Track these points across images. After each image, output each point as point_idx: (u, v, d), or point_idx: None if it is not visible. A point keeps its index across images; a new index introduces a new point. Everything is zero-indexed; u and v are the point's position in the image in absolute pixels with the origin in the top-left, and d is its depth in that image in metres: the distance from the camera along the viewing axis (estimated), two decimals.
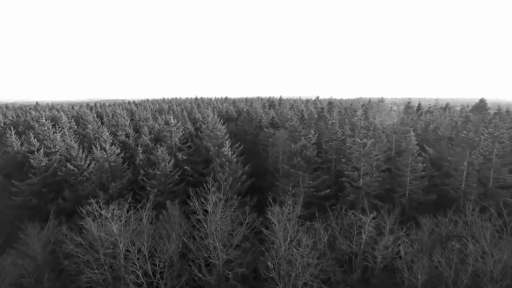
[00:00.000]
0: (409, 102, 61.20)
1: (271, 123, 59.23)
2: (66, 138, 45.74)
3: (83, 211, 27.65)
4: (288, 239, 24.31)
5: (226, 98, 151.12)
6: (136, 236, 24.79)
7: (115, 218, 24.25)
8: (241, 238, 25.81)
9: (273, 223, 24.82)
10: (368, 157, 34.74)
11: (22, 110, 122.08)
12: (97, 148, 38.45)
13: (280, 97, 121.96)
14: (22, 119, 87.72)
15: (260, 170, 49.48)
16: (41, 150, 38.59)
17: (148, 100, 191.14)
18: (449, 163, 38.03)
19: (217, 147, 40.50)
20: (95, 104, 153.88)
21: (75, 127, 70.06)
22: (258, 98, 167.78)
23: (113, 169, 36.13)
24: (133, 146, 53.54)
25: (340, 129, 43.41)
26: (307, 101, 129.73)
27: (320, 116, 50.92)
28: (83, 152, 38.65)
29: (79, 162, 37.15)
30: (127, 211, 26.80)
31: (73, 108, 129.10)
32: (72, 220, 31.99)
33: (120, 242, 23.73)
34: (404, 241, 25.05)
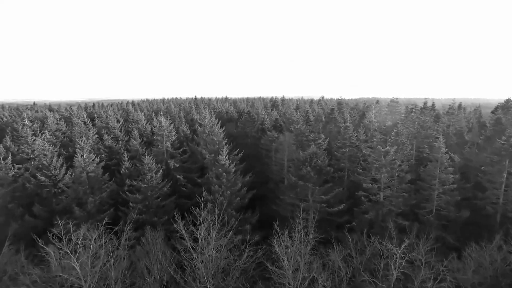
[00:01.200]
0: (425, 103, 55.73)
1: (274, 126, 54.04)
2: (45, 143, 40.75)
3: (51, 233, 22.68)
4: (300, 277, 19.11)
5: (226, 98, 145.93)
6: (108, 272, 19.63)
7: (79, 250, 19.05)
8: (239, 275, 20.59)
9: (281, 258, 19.57)
10: (391, 167, 29.46)
11: (18, 110, 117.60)
12: (77, 155, 33.42)
13: (283, 97, 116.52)
14: (11, 120, 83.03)
15: (263, 177, 44.32)
16: (9, 158, 33.42)
17: (147, 100, 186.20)
18: (483, 173, 32.71)
19: (213, 155, 35.33)
20: (93, 104, 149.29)
21: (65, 128, 65.14)
22: (259, 98, 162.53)
23: (91, 180, 31.00)
24: (121, 151, 48.58)
25: (354, 133, 38.12)
26: (311, 101, 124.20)
27: (330, 118, 45.68)
28: (57, 160, 33.49)
29: (53, 172, 32.04)
30: (100, 237, 21.75)
31: (70, 108, 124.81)
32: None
33: (85, 282, 18.56)
34: (447, 279, 19.76)
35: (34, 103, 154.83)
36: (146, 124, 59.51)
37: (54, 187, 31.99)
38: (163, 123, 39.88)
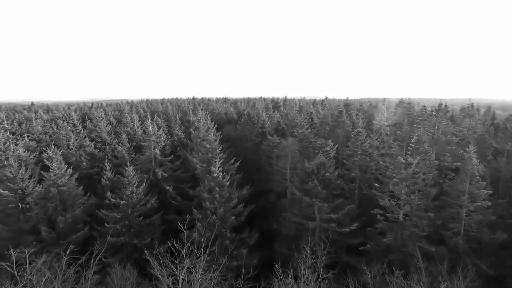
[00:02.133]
0: (440, 104, 51.00)
1: (276, 129, 49.61)
2: (19, 149, 36.55)
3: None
4: None
5: (226, 98, 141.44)
6: None
7: None
8: None
9: None
10: (412, 181, 24.95)
11: (14, 111, 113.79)
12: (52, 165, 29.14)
13: (285, 97, 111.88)
14: None
15: (263, 187, 39.91)
16: None
17: (147, 100, 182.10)
18: None
19: (205, 164, 30.94)
20: (92, 104, 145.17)
21: (54, 130, 60.92)
22: (261, 98, 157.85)
23: (63, 195, 26.68)
24: (108, 157, 44.28)
25: (367, 139, 33.61)
26: (314, 101, 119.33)
27: (338, 121, 41.19)
28: (27, 170, 29.17)
29: (19, 184, 27.71)
30: (61, 269, 17.55)
31: (69, 108, 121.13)
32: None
33: None
34: None
35: (32, 103, 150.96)
36: (137, 127, 55.15)
37: (21, 202, 27.66)
38: (150, 127, 35.45)
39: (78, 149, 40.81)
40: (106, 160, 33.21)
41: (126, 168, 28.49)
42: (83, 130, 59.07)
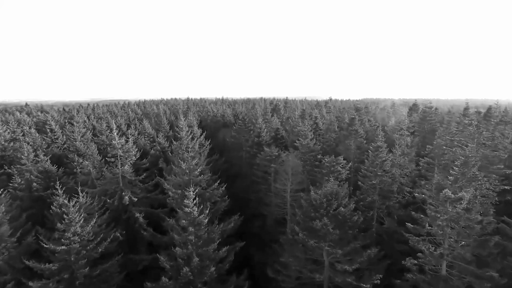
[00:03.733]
0: (466, 108, 43.79)
1: (275, 138, 42.43)
2: None
3: None
4: None
5: (224, 99, 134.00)
6: None
7: None
8: None
9: None
10: (465, 223, 17.74)
11: (7, 112, 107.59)
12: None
13: (286, 98, 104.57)
14: None
15: (258, 210, 32.90)
16: None
17: (145, 101, 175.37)
18: None
19: (179, 191, 23.77)
20: (88, 104, 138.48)
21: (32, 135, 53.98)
22: (261, 99, 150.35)
23: None
24: (76, 172, 37.26)
25: (389, 156, 26.35)
26: (317, 103, 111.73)
27: (350, 131, 33.93)
28: None
29: None
30: None
31: (64, 109, 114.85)
32: None
33: None
34: None
35: (26, 103, 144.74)
36: (116, 134, 47.97)
37: None
38: (116, 139, 28.39)
39: (36, 163, 33.79)
40: (58, 181, 26.00)
41: (75, 196, 21.50)
42: (62, 136, 52.43)
